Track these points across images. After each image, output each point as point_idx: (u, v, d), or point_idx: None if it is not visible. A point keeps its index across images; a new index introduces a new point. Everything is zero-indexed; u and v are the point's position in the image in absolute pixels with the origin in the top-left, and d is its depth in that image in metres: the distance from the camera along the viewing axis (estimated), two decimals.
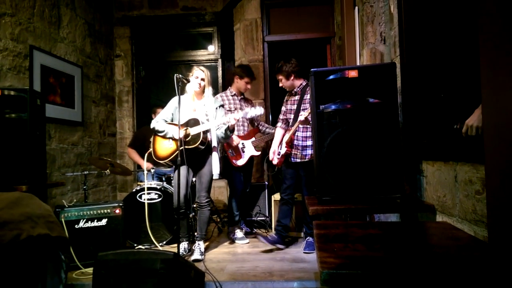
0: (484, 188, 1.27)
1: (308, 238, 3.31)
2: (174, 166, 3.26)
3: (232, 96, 3.87)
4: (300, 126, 3.16)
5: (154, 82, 5.92)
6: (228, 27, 5.26)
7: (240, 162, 3.71)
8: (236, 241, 3.65)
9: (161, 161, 3.26)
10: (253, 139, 3.86)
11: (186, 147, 3.02)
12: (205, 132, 3.05)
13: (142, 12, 5.48)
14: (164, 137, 3.17)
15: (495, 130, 1.02)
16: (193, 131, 3.01)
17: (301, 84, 3.30)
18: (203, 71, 3.18)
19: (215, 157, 3.10)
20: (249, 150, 3.79)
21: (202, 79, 3.16)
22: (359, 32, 3.14)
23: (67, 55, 4.24)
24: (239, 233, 3.73)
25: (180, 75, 2.96)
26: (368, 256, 1.03)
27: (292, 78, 3.26)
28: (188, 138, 3.01)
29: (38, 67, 3.71)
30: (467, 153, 1.39)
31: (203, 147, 3.07)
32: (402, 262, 0.98)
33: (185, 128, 3.03)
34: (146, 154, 3.31)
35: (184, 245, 3.22)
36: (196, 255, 3.06)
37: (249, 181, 4.02)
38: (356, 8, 3.15)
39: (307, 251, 3.18)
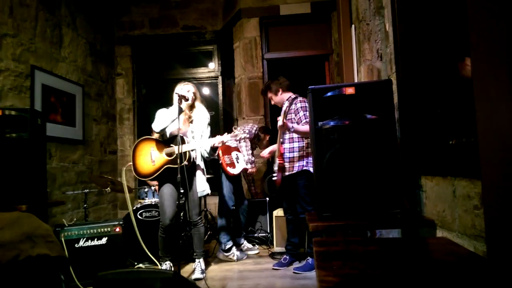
0: (482, 203, 1.27)
1: (308, 258, 3.26)
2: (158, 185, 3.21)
3: None
4: (286, 137, 3.19)
5: (155, 100, 5.97)
6: (228, 45, 5.34)
7: (234, 171, 3.72)
8: (237, 260, 3.61)
9: (143, 178, 3.19)
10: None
11: (171, 166, 3.00)
12: (190, 151, 3.03)
13: (143, 31, 5.58)
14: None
15: (490, 145, 1.03)
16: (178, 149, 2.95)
17: (289, 97, 3.40)
18: (193, 86, 3.25)
19: (199, 176, 3.11)
20: (242, 162, 3.80)
21: (194, 93, 3.20)
22: (356, 49, 3.18)
23: (68, 74, 4.30)
24: (236, 252, 3.68)
25: (180, 93, 2.99)
26: (367, 274, 1.02)
27: (280, 93, 3.41)
28: (173, 157, 3.00)
29: (39, 87, 3.75)
30: (464, 168, 1.40)
31: (188, 164, 3.01)
32: (401, 280, 0.97)
33: (170, 146, 3.04)
34: (123, 169, 3.34)
35: (167, 264, 3.17)
36: (197, 274, 3.04)
37: (241, 197, 4.02)
38: (353, 26, 3.21)
39: (295, 271, 3.12)
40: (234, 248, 3.67)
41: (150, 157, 3.08)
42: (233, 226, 3.93)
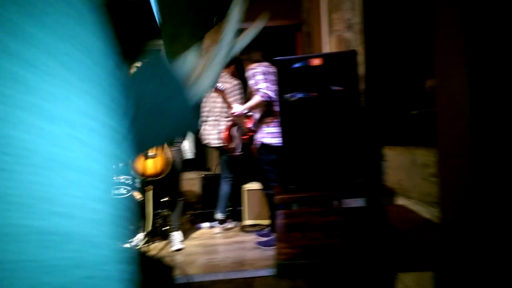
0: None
1: (272, 235, 3.18)
2: None
3: None
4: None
5: None
6: None
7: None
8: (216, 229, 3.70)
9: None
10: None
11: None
12: None
13: None
14: None
15: (446, 115, 1.04)
16: None
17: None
18: None
19: None
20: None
21: None
22: (327, 19, 3.13)
23: None
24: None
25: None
26: (325, 244, 1.03)
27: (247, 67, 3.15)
28: None
29: None
30: (424, 138, 1.42)
31: None
32: (355, 248, 0.99)
33: None
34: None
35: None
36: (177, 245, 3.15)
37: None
38: None
39: (257, 245, 3.10)
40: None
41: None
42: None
